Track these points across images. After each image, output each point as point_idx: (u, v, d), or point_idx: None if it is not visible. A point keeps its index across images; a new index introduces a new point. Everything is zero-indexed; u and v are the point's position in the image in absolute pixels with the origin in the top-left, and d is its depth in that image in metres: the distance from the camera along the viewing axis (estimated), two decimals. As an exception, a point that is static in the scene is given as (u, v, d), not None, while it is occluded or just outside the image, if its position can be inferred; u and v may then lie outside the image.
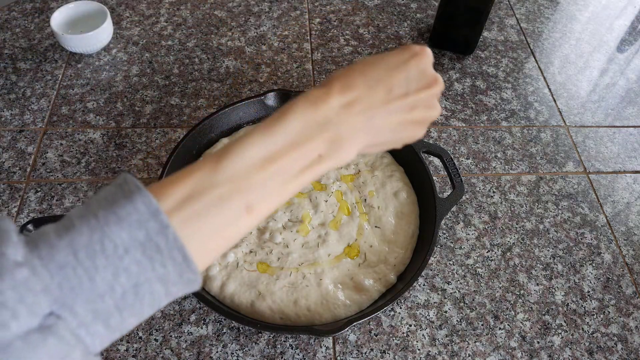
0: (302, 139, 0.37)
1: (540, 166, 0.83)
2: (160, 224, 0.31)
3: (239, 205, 0.34)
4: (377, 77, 0.42)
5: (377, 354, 0.63)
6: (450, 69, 0.96)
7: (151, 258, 0.30)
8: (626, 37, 1.07)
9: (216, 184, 0.34)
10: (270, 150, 0.36)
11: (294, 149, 0.37)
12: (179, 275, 0.32)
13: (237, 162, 0.35)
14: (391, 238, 0.68)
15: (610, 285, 0.71)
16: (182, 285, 0.32)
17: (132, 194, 0.31)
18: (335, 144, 0.39)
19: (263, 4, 1.05)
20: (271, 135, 0.37)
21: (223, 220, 0.34)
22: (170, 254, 0.31)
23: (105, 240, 0.30)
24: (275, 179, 0.36)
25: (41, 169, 0.77)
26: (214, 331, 0.63)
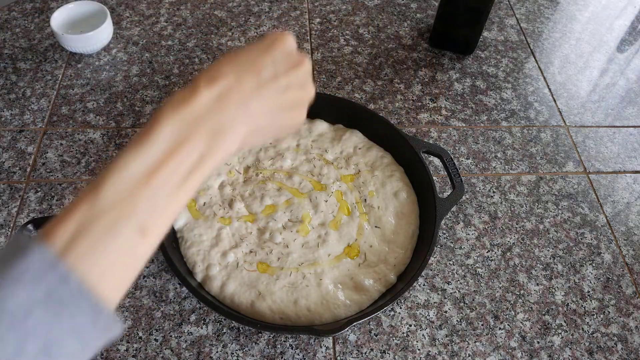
0: (177, 143, 0.35)
1: (540, 166, 0.83)
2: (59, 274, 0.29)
3: (130, 230, 0.32)
4: (243, 64, 0.41)
5: (377, 354, 0.63)
6: (450, 69, 0.96)
7: (57, 313, 0.28)
8: (626, 37, 1.07)
9: (101, 212, 0.32)
10: (147, 165, 0.34)
11: (172, 155, 0.35)
12: (93, 324, 0.30)
13: (117, 185, 0.33)
14: (391, 238, 0.68)
15: (610, 285, 0.71)
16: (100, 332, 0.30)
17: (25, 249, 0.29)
18: (214, 139, 0.37)
19: (263, 4, 1.05)
20: (144, 148, 0.34)
21: (118, 249, 0.32)
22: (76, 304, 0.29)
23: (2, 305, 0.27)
24: (160, 193, 0.34)
25: (41, 169, 0.77)
26: (214, 331, 0.63)
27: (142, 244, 0.33)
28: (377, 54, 0.97)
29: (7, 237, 0.69)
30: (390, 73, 0.94)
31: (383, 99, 0.90)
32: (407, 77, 0.94)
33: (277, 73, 0.42)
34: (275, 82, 0.42)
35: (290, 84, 0.43)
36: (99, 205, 0.32)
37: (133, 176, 0.34)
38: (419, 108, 0.89)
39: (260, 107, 0.41)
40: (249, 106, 0.40)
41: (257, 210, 0.69)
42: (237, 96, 0.39)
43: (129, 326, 0.63)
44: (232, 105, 0.39)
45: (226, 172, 0.72)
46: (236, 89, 0.39)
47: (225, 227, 0.67)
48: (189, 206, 0.69)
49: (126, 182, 0.33)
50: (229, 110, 0.38)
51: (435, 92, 0.92)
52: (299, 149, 0.75)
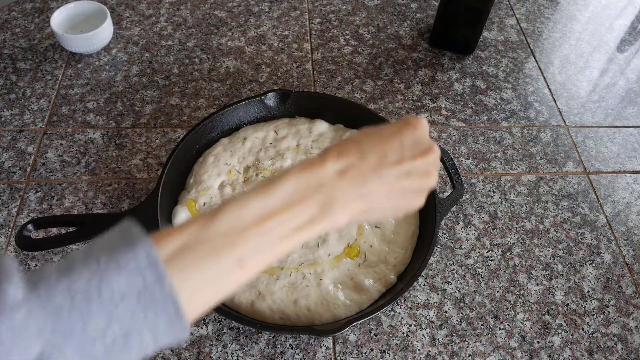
0: (295, 200, 0.38)
1: (540, 166, 0.83)
2: (157, 273, 0.31)
3: (231, 259, 0.35)
4: (371, 145, 0.43)
5: (377, 354, 0.63)
6: (450, 69, 0.96)
7: (145, 307, 0.31)
8: (626, 37, 1.07)
9: (210, 237, 0.35)
10: (265, 209, 0.37)
11: (289, 208, 0.38)
12: (169, 327, 0.32)
13: (232, 218, 0.36)
14: (391, 238, 0.68)
15: (610, 285, 0.71)
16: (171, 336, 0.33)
17: (134, 241, 0.32)
18: (327, 207, 0.40)
19: (263, 4, 1.05)
20: (266, 196, 0.38)
21: (215, 272, 0.35)
22: (164, 304, 0.31)
23: (102, 286, 0.30)
24: (267, 236, 0.37)
25: (41, 169, 0.77)
26: (214, 331, 0.63)
27: (237, 274, 0.36)
28: (377, 54, 0.97)
29: (7, 237, 0.69)
30: (390, 73, 0.94)
31: (383, 99, 0.90)
32: (407, 77, 0.94)
33: (403, 158, 0.43)
34: (398, 167, 0.42)
35: (414, 170, 0.43)
36: (211, 231, 0.35)
37: (248, 215, 0.37)
38: (419, 108, 0.89)
39: (377, 189, 0.42)
40: (366, 186, 0.41)
41: (257, 210, 0.69)
42: (356, 174, 0.41)
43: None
44: (350, 182, 0.41)
45: (226, 172, 0.72)
46: (358, 166, 0.41)
47: (225, 227, 0.67)
48: (189, 206, 0.69)
49: (240, 219, 0.36)
50: (346, 186, 0.41)
51: (435, 92, 0.92)
52: (299, 149, 0.75)
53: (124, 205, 0.74)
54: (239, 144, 0.75)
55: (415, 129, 0.44)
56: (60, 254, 0.68)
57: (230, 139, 0.76)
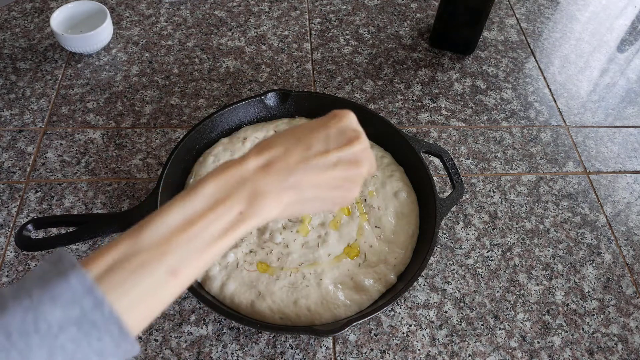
0: (218, 200, 0.38)
1: (540, 166, 0.83)
2: (94, 300, 0.31)
3: (163, 270, 0.35)
4: (295, 137, 0.43)
5: (377, 354, 0.63)
6: (450, 69, 0.96)
7: (87, 334, 0.31)
8: (626, 37, 1.07)
9: (138, 251, 0.35)
10: (189, 215, 0.37)
11: (213, 208, 0.38)
12: (116, 347, 0.32)
13: (157, 229, 0.36)
14: (391, 238, 0.68)
15: (611, 285, 0.71)
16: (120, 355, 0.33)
17: (67, 271, 0.31)
18: (254, 201, 0.39)
19: (263, 4, 1.05)
20: (188, 201, 0.38)
21: (148, 285, 0.34)
22: (106, 327, 0.31)
23: (39, 320, 0.30)
24: (196, 241, 0.37)
25: (41, 169, 0.77)
26: (214, 331, 0.63)
27: (171, 284, 0.36)
28: (377, 54, 0.97)
29: (7, 237, 0.69)
30: (390, 73, 0.94)
31: (383, 99, 0.90)
32: (407, 77, 0.94)
33: (328, 148, 0.43)
34: (324, 157, 0.43)
35: (341, 159, 0.43)
36: (138, 245, 0.35)
37: (173, 223, 0.37)
38: (419, 108, 0.89)
39: (306, 179, 0.42)
40: (292, 177, 0.41)
41: (257, 210, 0.69)
42: (281, 166, 0.41)
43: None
44: (274, 175, 0.41)
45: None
46: (282, 159, 0.42)
47: (225, 227, 0.67)
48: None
49: (165, 228, 0.36)
50: (271, 179, 0.41)
51: (435, 92, 0.92)
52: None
53: (124, 205, 0.74)
54: (239, 144, 0.75)
55: (341, 120, 0.44)
56: (60, 254, 0.68)
57: (230, 139, 0.76)
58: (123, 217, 0.64)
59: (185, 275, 0.36)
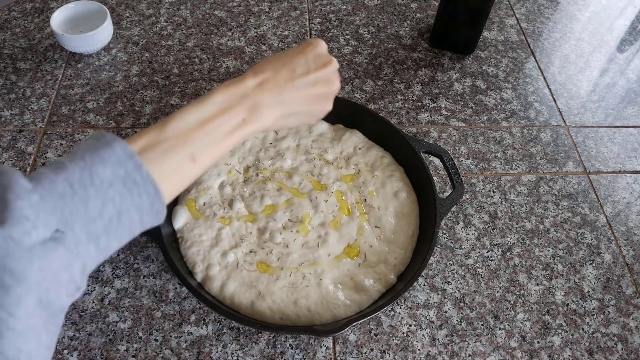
0: (227, 106, 0.47)
1: (540, 166, 0.83)
2: (135, 163, 0.39)
3: (184, 155, 0.43)
4: (282, 62, 0.52)
5: (377, 354, 0.63)
6: (450, 69, 0.96)
7: (130, 190, 0.38)
8: (626, 37, 1.07)
9: (164, 139, 0.43)
10: (204, 115, 0.46)
11: (222, 113, 0.47)
12: (151, 205, 0.40)
13: (179, 124, 0.44)
14: (391, 238, 0.68)
15: (611, 285, 0.71)
16: (152, 215, 0.41)
17: (111, 142, 0.39)
18: (254, 111, 0.49)
19: (263, 4, 1.05)
20: (202, 105, 0.46)
21: (174, 165, 0.43)
22: (144, 186, 0.39)
23: (94, 176, 0.37)
24: (210, 136, 0.45)
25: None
26: (214, 331, 0.63)
27: (191, 167, 0.44)
28: (377, 54, 0.97)
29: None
30: (390, 73, 0.94)
31: (383, 99, 0.90)
32: (407, 77, 0.94)
33: (309, 70, 0.53)
34: (307, 77, 0.52)
35: (319, 79, 0.53)
36: (163, 135, 0.43)
37: (191, 121, 0.45)
38: (419, 108, 0.89)
39: (293, 95, 0.52)
40: (283, 94, 0.51)
41: (257, 210, 0.69)
42: (273, 85, 0.51)
43: (129, 326, 0.63)
44: (269, 92, 0.50)
45: (226, 172, 0.72)
46: (273, 79, 0.51)
47: (225, 227, 0.67)
48: (189, 206, 0.69)
49: (186, 124, 0.45)
50: (265, 94, 0.50)
51: (435, 92, 0.92)
52: (299, 149, 0.75)
53: (124, 205, 0.74)
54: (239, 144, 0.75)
55: (316, 47, 0.53)
56: (60, 254, 0.68)
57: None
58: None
59: (202, 161, 0.45)
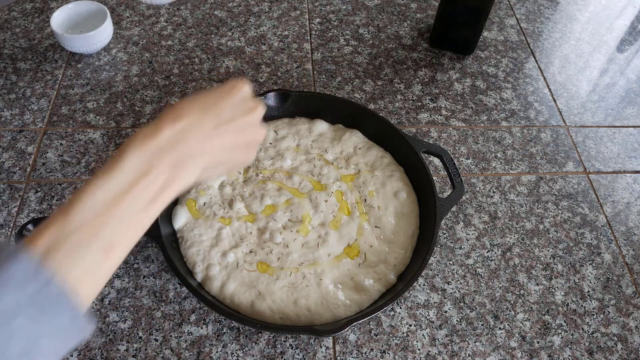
0: (142, 173, 0.40)
1: (540, 166, 0.83)
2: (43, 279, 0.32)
3: (97, 248, 0.36)
4: (206, 105, 0.46)
5: (377, 354, 0.63)
6: (450, 69, 0.96)
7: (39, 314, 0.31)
8: (626, 37, 1.07)
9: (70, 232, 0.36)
10: (114, 191, 0.38)
11: (137, 183, 0.39)
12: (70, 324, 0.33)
13: (87, 207, 0.37)
14: (391, 238, 0.68)
15: (610, 285, 0.71)
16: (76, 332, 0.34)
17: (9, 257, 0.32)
18: (176, 168, 0.42)
19: (263, 4, 1.05)
20: (111, 177, 0.39)
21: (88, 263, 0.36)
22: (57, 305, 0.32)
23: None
24: (125, 216, 0.38)
25: (41, 169, 0.77)
26: (214, 331, 0.63)
27: (110, 259, 0.38)
28: (377, 54, 0.97)
29: (7, 237, 0.69)
30: (390, 73, 0.94)
31: (383, 99, 0.90)
32: (407, 77, 0.94)
33: (235, 115, 0.47)
34: (233, 123, 0.47)
35: (246, 125, 0.48)
36: (71, 225, 0.36)
37: (100, 201, 0.38)
38: (419, 108, 0.89)
39: (218, 143, 0.46)
40: (208, 142, 0.45)
41: (257, 210, 0.69)
42: (198, 132, 0.44)
43: (129, 326, 0.63)
44: (192, 141, 0.43)
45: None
46: (198, 126, 0.44)
47: (225, 227, 0.67)
48: (189, 206, 0.69)
49: (94, 206, 0.37)
50: (190, 145, 0.43)
51: (435, 92, 0.92)
52: (299, 149, 0.75)
53: (124, 205, 0.74)
54: (239, 144, 0.75)
55: (241, 90, 0.49)
56: (60, 254, 0.68)
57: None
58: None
59: (121, 248, 0.38)
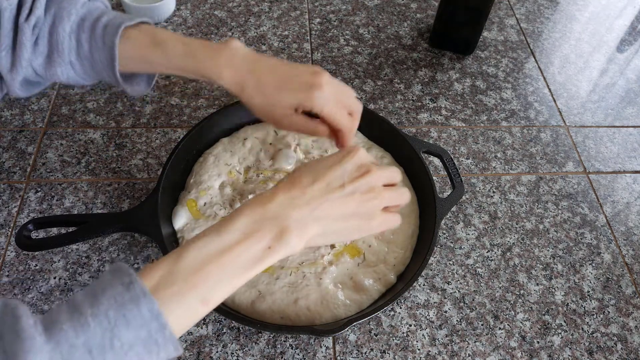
0: (249, 234, 0.43)
1: (540, 166, 0.83)
2: (159, 324, 0.37)
3: (195, 299, 0.40)
4: (316, 174, 0.48)
5: (377, 354, 0.63)
6: (450, 69, 0.96)
7: (150, 351, 0.36)
8: (626, 37, 1.07)
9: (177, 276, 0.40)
10: (221, 245, 0.42)
11: (242, 241, 0.42)
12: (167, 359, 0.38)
13: (194, 257, 0.41)
14: (390, 238, 0.68)
15: (610, 285, 0.71)
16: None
17: (138, 298, 0.36)
18: (282, 236, 0.44)
19: (263, 4, 1.05)
20: (224, 233, 0.43)
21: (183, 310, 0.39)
22: (165, 346, 0.37)
23: (114, 339, 0.35)
24: (226, 271, 0.41)
25: (41, 169, 0.77)
26: (214, 331, 0.63)
27: (202, 310, 0.41)
28: (377, 54, 0.97)
29: (7, 237, 0.70)
30: (390, 73, 0.94)
31: (383, 99, 0.90)
32: (407, 77, 0.94)
33: (344, 183, 0.48)
34: (342, 190, 0.48)
35: (356, 190, 0.48)
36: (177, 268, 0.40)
37: (207, 253, 0.41)
38: (419, 108, 0.89)
39: (329, 212, 0.47)
40: (317, 211, 0.46)
41: (257, 210, 0.69)
42: (305, 201, 0.46)
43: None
44: (301, 209, 0.46)
45: (227, 172, 0.72)
46: (307, 194, 0.46)
47: (226, 227, 0.67)
48: (189, 206, 0.69)
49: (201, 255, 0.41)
50: (298, 213, 0.45)
51: (435, 92, 0.92)
52: (300, 149, 0.75)
53: (124, 205, 0.74)
54: (239, 144, 0.75)
55: (353, 157, 0.50)
56: (60, 253, 0.68)
57: (231, 139, 0.76)
58: (123, 217, 0.64)
59: (214, 302, 0.42)
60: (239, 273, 0.42)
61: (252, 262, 0.43)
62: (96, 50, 0.55)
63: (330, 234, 0.48)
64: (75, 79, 0.58)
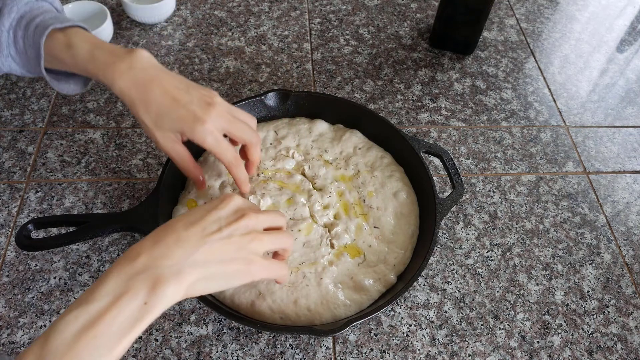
0: (118, 295, 0.39)
1: (540, 166, 0.83)
2: None
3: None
4: (191, 220, 0.47)
5: (377, 354, 0.63)
6: (450, 69, 0.96)
7: None
8: (626, 37, 1.07)
9: None
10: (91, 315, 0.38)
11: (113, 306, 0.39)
12: None
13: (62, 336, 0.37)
14: (390, 238, 0.68)
15: (610, 285, 0.71)
16: None
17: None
18: (156, 288, 0.40)
19: (263, 4, 1.05)
20: (90, 301, 0.39)
21: None
22: None
23: None
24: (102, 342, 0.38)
25: (41, 169, 0.77)
26: (214, 331, 0.63)
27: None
28: (377, 54, 0.97)
29: (7, 237, 0.70)
30: (390, 73, 0.94)
31: (383, 99, 0.90)
32: (407, 77, 0.94)
33: (221, 226, 0.47)
34: (219, 234, 0.46)
35: (233, 232, 0.47)
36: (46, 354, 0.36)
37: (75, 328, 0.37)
38: (419, 108, 0.89)
39: (208, 256, 0.45)
40: (195, 255, 0.44)
41: (257, 210, 0.69)
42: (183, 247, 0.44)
43: (129, 326, 0.63)
44: (173, 255, 0.43)
45: (227, 172, 0.72)
46: (183, 241, 0.44)
47: (226, 227, 0.67)
48: (190, 206, 0.69)
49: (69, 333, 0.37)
50: (169, 261, 0.42)
51: (435, 92, 0.92)
52: (299, 149, 0.76)
53: (124, 205, 0.74)
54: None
55: (229, 203, 0.49)
56: (60, 253, 0.68)
57: (230, 139, 0.76)
58: (123, 217, 0.64)
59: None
60: (116, 340, 0.38)
61: (129, 325, 0.39)
62: (28, 47, 0.58)
63: (212, 279, 0.45)
64: (18, 70, 0.61)
